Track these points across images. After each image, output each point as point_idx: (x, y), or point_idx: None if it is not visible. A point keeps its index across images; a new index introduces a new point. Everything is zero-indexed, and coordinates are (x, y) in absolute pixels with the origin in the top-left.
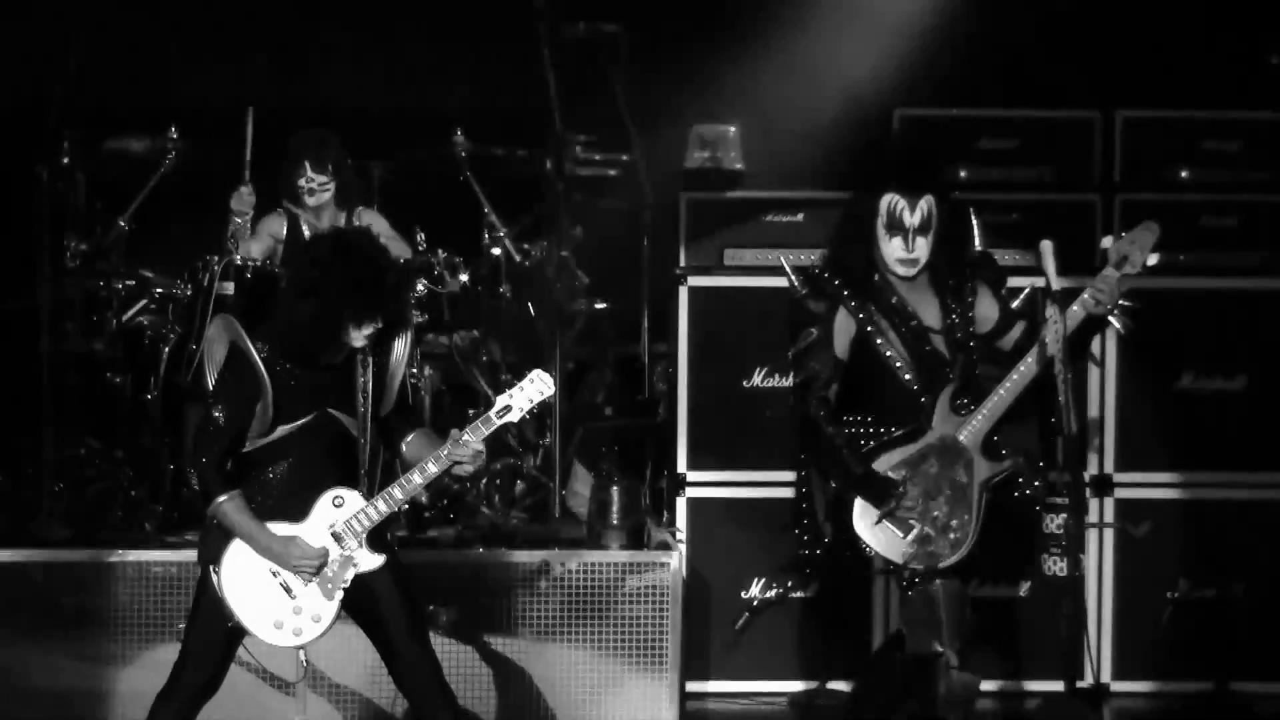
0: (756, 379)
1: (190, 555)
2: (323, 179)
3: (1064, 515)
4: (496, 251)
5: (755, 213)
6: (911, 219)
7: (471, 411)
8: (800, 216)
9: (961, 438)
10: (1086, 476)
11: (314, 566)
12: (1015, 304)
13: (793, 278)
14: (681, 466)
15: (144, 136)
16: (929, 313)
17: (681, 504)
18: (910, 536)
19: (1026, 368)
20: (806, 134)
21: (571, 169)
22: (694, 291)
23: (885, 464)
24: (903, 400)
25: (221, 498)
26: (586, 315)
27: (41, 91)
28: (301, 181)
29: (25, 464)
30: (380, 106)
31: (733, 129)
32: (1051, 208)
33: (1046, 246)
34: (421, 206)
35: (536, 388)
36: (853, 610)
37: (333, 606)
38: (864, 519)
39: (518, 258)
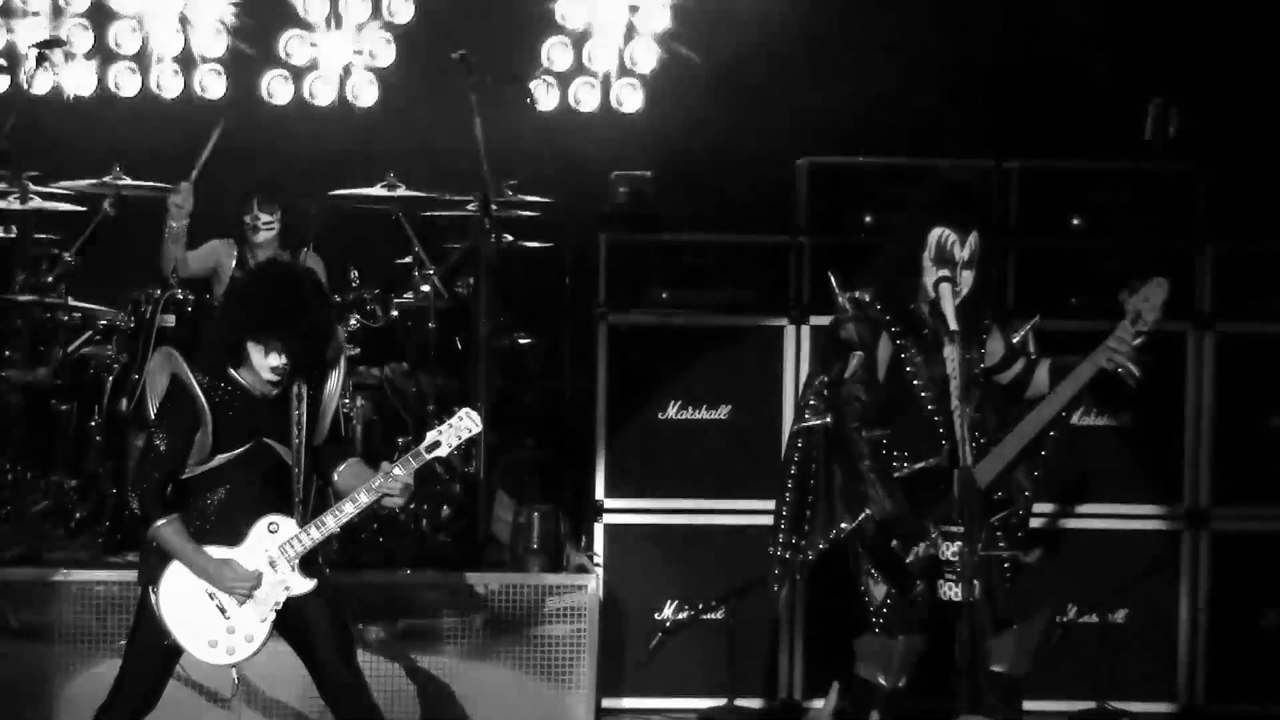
0: (671, 411)
1: (131, 575)
2: (267, 218)
3: (959, 543)
4: (426, 288)
5: (671, 254)
6: (961, 253)
7: (401, 441)
8: (713, 259)
9: (975, 475)
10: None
11: (247, 588)
12: (1015, 339)
13: (842, 301)
14: (599, 494)
15: (88, 176)
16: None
17: (599, 529)
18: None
19: (1042, 413)
20: (717, 181)
21: (498, 210)
22: (613, 328)
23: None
24: (922, 428)
25: (160, 521)
26: (511, 350)
27: None
28: (248, 218)
29: None
30: (318, 148)
31: (649, 174)
32: None
33: (945, 289)
34: (354, 243)
35: (465, 425)
36: (761, 631)
37: (265, 627)
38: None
39: (445, 294)
